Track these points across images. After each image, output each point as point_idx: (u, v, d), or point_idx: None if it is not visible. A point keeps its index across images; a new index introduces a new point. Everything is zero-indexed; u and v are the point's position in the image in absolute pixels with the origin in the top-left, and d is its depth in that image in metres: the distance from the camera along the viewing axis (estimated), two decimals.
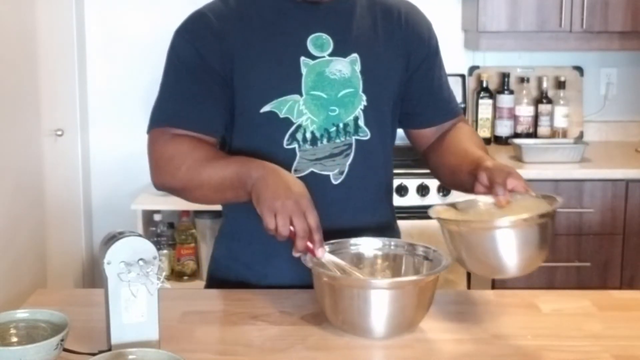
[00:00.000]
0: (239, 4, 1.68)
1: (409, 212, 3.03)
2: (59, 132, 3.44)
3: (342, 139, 1.68)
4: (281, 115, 1.65)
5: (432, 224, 1.47)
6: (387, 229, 1.79)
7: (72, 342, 1.35)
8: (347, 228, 1.64)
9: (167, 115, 1.67)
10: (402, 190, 3.06)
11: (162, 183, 1.66)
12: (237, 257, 1.77)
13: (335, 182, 1.70)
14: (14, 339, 1.34)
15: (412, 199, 3.06)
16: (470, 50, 3.70)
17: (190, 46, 1.65)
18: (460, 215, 1.51)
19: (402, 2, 1.79)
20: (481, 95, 3.65)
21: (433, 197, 3.05)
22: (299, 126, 1.65)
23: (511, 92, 3.66)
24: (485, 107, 3.66)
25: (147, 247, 1.34)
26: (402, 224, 2.97)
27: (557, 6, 3.31)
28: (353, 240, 1.61)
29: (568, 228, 3.15)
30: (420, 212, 3.06)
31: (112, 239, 1.34)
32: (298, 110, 1.65)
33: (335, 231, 1.57)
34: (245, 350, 1.43)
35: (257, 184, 1.50)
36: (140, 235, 1.35)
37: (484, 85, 3.66)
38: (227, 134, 1.72)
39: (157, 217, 3.43)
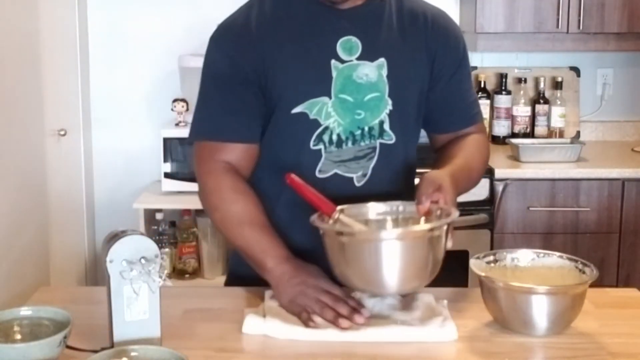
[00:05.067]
0: (273, 9, 1.70)
1: None
2: (62, 132, 3.44)
3: (367, 142, 1.69)
4: (311, 117, 1.67)
5: None
6: None
7: (75, 340, 1.36)
8: None
9: (207, 128, 1.71)
10: None
11: (203, 205, 1.74)
12: None
13: (358, 184, 1.71)
14: (18, 336, 1.35)
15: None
16: (468, 51, 3.70)
17: (224, 55, 1.69)
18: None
19: (430, 7, 1.79)
20: (479, 95, 3.66)
21: None
22: (326, 128, 1.68)
23: (508, 93, 3.68)
24: (482, 107, 3.65)
25: (149, 246, 1.35)
26: None
27: (554, 7, 3.33)
28: (360, 205, 1.60)
29: (565, 227, 3.17)
30: None
31: (114, 237, 1.35)
32: (326, 112, 1.67)
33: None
34: (246, 347, 1.44)
35: (272, 279, 1.59)
36: (142, 234, 1.37)
37: (482, 85, 3.68)
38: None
39: (159, 216, 3.44)
